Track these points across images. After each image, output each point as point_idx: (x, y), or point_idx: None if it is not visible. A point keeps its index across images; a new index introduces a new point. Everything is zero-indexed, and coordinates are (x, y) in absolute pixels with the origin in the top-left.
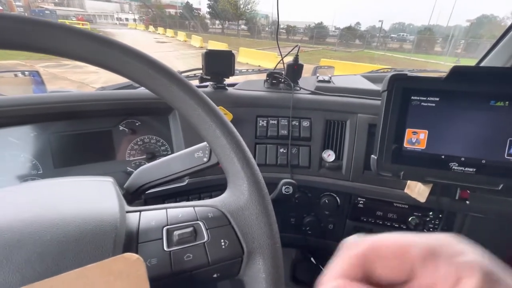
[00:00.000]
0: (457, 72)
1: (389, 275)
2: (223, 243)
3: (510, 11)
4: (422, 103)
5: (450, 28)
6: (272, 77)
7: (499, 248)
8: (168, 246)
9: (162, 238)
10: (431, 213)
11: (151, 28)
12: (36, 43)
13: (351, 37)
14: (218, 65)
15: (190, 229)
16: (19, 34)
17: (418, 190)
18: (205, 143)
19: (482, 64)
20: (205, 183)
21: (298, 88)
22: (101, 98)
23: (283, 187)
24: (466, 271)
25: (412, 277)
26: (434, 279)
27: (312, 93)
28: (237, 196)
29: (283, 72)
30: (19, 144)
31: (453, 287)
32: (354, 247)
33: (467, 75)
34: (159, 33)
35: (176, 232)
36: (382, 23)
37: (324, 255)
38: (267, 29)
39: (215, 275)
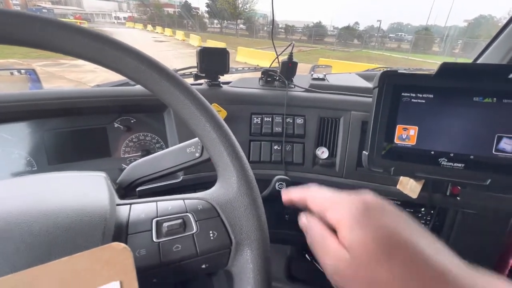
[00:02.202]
0: (446, 69)
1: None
2: (211, 234)
3: (507, 11)
4: (412, 100)
5: (448, 28)
6: (267, 75)
7: (490, 244)
8: (157, 237)
9: (151, 230)
10: (423, 209)
11: (149, 27)
12: (25, 36)
13: (350, 37)
14: (213, 62)
15: (179, 221)
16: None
17: (410, 187)
18: (197, 138)
19: (477, 62)
20: (200, 179)
21: (293, 86)
22: (96, 95)
23: (277, 184)
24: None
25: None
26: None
27: (306, 90)
28: (226, 189)
29: (278, 70)
30: (13, 140)
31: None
32: (298, 192)
33: (456, 72)
34: (157, 32)
35: (166, 224)
36: (380, 23)
37: None
38: (265, 28)
39: (203, 266)
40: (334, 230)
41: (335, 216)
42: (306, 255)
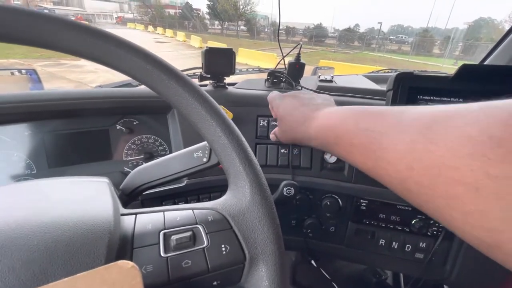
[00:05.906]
0: (466, 71)
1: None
2: (223, 249)
3: (508, 14)
4: (429, 103)
5: (448, 30)
6: (273, 76)
7: None
8: (165, 252)
9: (158, 243)
10: None
11: (150, 28)
12: (25, 34)
13: (350, 39)
14: (219, 63)
15: (189, 233)
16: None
17: None
18: (204, 142)
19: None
20: (204, 184)
21: (300, 88)
22: (98, 96)
23: (285, 189)
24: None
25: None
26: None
27: (314, 92)
28: (238, 198)
29: (284, 71)
30: (12, 143)
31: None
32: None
33: (476, 74)
34: (158, 33)
35: (174, 237)
36: (381, 25)
37: (325, 258)
38: (266, 30)
39: (214, 283)
40: None
41: (274, 108)
42: (312, 261)
